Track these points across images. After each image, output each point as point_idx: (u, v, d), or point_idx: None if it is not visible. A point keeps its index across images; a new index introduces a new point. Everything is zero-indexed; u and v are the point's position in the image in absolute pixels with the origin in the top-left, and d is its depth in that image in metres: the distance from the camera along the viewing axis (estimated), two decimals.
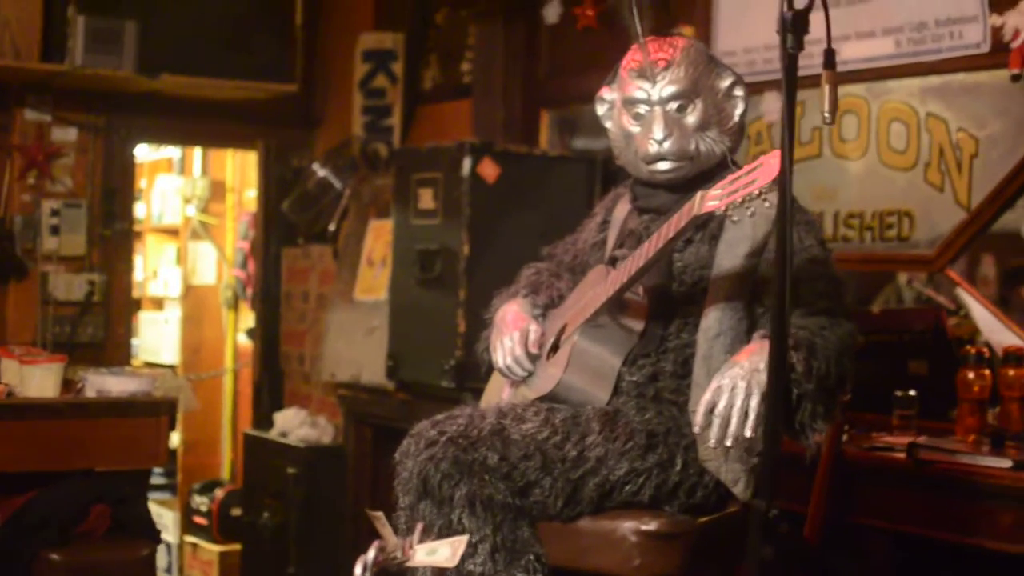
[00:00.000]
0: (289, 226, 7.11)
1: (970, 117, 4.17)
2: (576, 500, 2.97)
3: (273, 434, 6.60)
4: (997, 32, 4.02)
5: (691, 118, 3.14)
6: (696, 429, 2.82)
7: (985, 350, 3.96)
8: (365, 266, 6.27)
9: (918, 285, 5.22)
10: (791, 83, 2.13)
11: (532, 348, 3.24)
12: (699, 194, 2.78)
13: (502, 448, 2.95)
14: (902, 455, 3.64)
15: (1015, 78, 3.93)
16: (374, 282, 6.15)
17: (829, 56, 2.26)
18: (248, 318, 8.21)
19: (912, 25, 4.28)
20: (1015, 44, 3.93)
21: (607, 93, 3.32)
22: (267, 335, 7.31)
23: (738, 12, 4.90)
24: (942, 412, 4.29)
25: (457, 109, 6.42)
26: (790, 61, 2.15)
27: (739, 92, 3.22)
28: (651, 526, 2.92)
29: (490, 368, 3.46)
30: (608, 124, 3.34)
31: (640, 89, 3.16)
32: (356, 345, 6.08)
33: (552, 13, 5.73)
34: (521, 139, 5.82)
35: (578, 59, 5.69)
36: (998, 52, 4.04)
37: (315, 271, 6.95)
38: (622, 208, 3.36)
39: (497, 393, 3.43)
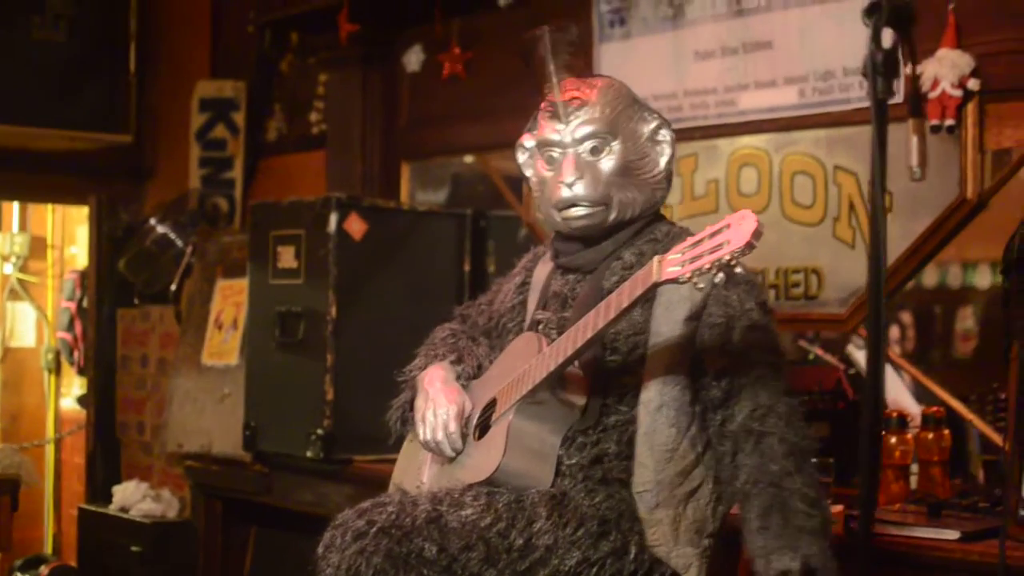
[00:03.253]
0: (124, 285, 6.67)
1: None
2: None
3: (113, 509, 6.18)
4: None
5: (607, 162, 2.93)
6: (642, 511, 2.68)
7: (907, 413, 3.79)
8: (213, 329, 5.89)
9: (804, 344, 5.07)
10: (882, 130, 1.86)
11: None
12: (656, 259, 2.54)
13: (440, 538, 2.69)
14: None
15: (935, 129, 3.77)
16: (224, 346, 5.79)
17: (915, 102, 2.00)
18: (72, 383, 7.75)
19: (817, 74, 4.10)
20: (934, 94, 3.76)
21: (527, 140, 3.10)
22: (102, 402, 6.87)
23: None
24: (846, 479, 4.12)
25: (305, 161, 6.17)
26: (880, 107, 1.87)
27: (664, 136, 2.99)
28: None
29: (400, 439, 3.21)
30: (528, 172, 3.12)
31: (553, 131, 2.95)
32: (206, 413, 5.71)
33: (414, 61, 5.47)
34: (380, 193, 5.55)
35: (442, 109, 5.43)
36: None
37: (155, 334, 6.53)
38: (543, 269, 3.12)
39: (415, 468, 3.12)
